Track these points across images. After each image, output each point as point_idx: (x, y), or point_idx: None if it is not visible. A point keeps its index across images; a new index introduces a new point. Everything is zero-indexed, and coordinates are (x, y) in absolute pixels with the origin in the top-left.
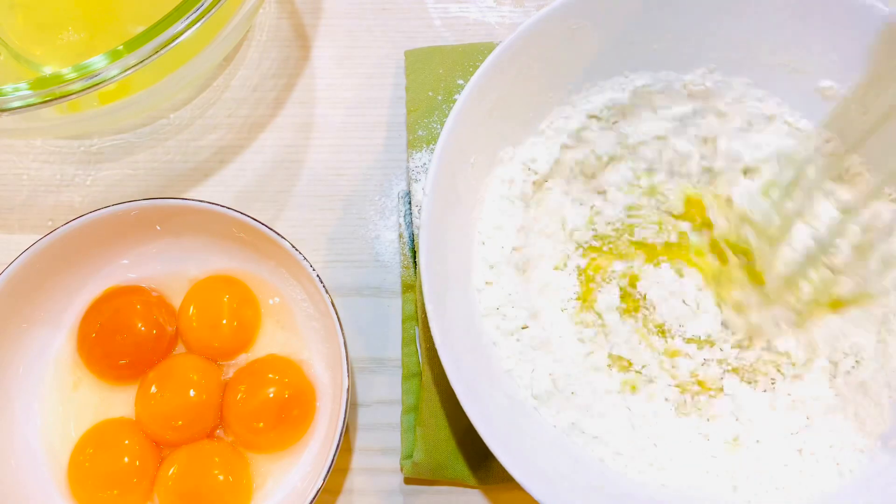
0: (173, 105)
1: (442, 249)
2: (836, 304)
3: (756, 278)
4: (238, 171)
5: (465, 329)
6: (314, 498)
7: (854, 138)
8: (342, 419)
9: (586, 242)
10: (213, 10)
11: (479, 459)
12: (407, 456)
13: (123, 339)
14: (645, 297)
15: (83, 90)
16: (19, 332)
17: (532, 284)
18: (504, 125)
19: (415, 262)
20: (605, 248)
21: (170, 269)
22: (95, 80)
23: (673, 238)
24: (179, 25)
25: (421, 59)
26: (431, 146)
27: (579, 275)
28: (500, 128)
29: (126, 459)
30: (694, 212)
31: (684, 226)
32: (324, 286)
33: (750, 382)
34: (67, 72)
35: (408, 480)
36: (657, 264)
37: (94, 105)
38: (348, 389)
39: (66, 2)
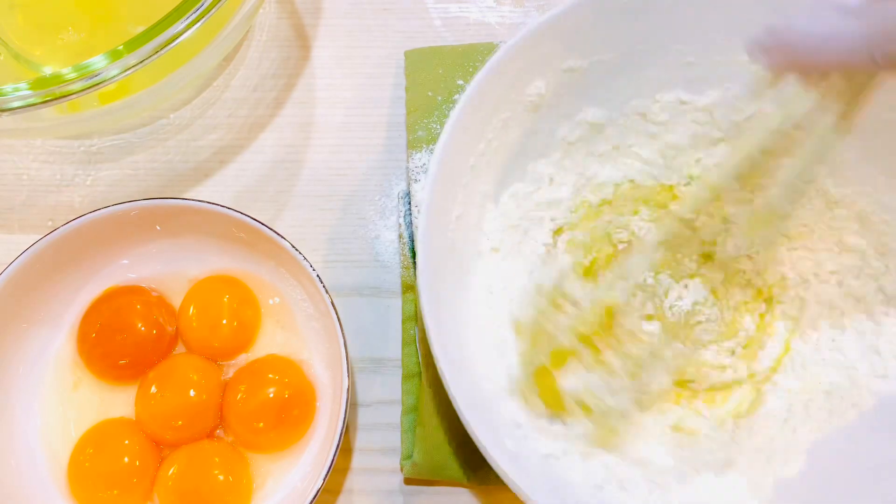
0: (173, 105)
1: (440, 257)
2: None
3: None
4: (238, 171)
5: (462, 331)
6: (314, 498)
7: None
8: (342, 419)
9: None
10: (213, 10)
11: (478, 460)
12: (407, 456)
13: (123, 339)
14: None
15: (83, 90)
16: (19, 332)
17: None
18: (505, 132)
19: (414, 263)
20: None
21: (170, 269)
22: (95, 80)
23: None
24: (179, 25)
25: (421, 60)
26: (431, 146)
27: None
28: (500, 133)
29: (126, 459)
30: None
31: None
32: (324, 286)
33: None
34: (67, 72)
35: (408, 481)
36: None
37: (94, 105)
38: (348, 389)
39: (66, 2)
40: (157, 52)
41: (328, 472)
